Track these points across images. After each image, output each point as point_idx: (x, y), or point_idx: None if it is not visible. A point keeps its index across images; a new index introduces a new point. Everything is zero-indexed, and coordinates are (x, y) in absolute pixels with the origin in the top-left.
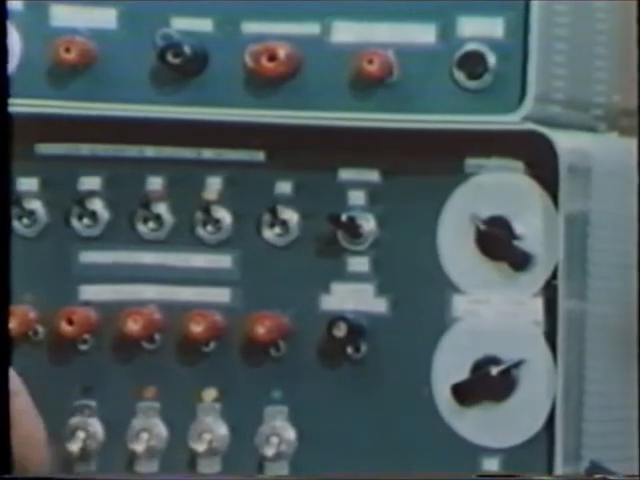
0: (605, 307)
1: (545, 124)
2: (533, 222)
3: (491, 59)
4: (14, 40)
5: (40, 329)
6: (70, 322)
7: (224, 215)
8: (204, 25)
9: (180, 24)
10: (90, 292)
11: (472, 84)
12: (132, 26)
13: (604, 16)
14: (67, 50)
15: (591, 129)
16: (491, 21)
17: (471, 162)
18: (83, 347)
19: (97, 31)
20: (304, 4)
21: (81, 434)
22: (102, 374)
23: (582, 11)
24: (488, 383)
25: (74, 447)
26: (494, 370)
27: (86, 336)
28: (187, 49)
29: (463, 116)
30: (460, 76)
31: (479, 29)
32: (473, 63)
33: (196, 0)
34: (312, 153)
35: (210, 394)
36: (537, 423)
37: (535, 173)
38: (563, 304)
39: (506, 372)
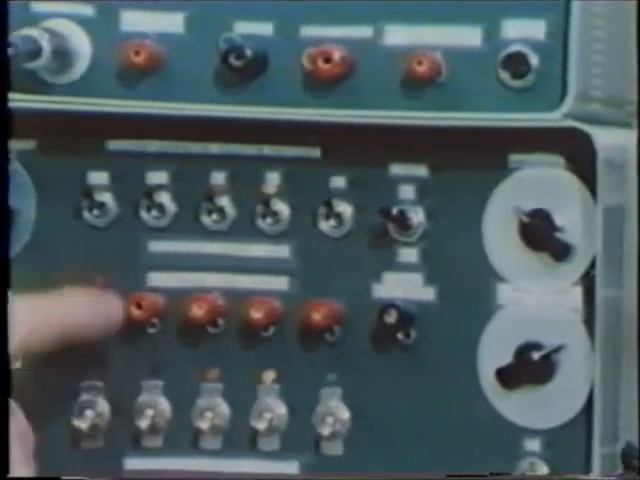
0: (635, 295)
1: (584, 121)
2: (573, 215)
3: (534, 59)
4: (85, 44)
5: None
6: (139, 307)
7: (282, 208)
8: (265, 29)
9: (242, 28)
10: (158, 279)
11: (516, 83)
12: (197, 30)
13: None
14: (136, 53)
15: (626, 125)
16: (534, 23)
17: (514, 158)
18: (151, 330)
19: (165, 35)
20: (358, 9)
21: (149, 411)
22: (169, 356)
23: (617, 13)
24: (530, 367)
25: (143, 423)
26: (536, 355)
27: (154, 320)
28: (248, 52)
29: (507, 114)
30: (505, 76)
31: (522, 31)
32: (517, 63)
33: (258, 1)
34: (365, 150)
35: (270, 376)
36: (576, 405)
37: (575, 168)
38: (601, 293)
39: (547, 357)
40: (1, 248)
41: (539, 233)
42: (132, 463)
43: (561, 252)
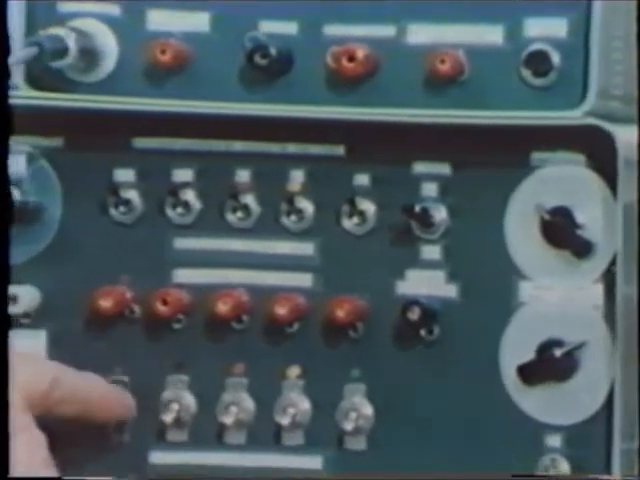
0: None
1: (605, 119)
2: (594, 212)
3: (555, 58)
4: (111, 43)
5: (136, 308)
6: (164, 302)
7: (306, 206)
8: (289, 28)
9: (267, 27)
10: (183, 275)
11: (538, 82)
12: (223, 29)
13: None
14: (162, 52)
15: None
16: (555, 22)
17: (536, 156)
18: (177, 326)
19: (190, 34)
20: (381, 9)
21: (175, 406)
22: (194, 351)
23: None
24: (552, 364)
25: (168, 418)
26: (557, 352)
27: (179, 316)
28: (273, 51)
29: (529, 112)
30: (526, 74)
31: (544, 30)
32: (539, 62)
33: (283, 1)
34: (388, 148)
35: (294, 371)
36: (597, 402)
37: (595, 165)
38: (621, 290)
39: (569, 354)
40: (1, 248)
41: (560, 230)
42: (157, 457)
43: (582, 249)
